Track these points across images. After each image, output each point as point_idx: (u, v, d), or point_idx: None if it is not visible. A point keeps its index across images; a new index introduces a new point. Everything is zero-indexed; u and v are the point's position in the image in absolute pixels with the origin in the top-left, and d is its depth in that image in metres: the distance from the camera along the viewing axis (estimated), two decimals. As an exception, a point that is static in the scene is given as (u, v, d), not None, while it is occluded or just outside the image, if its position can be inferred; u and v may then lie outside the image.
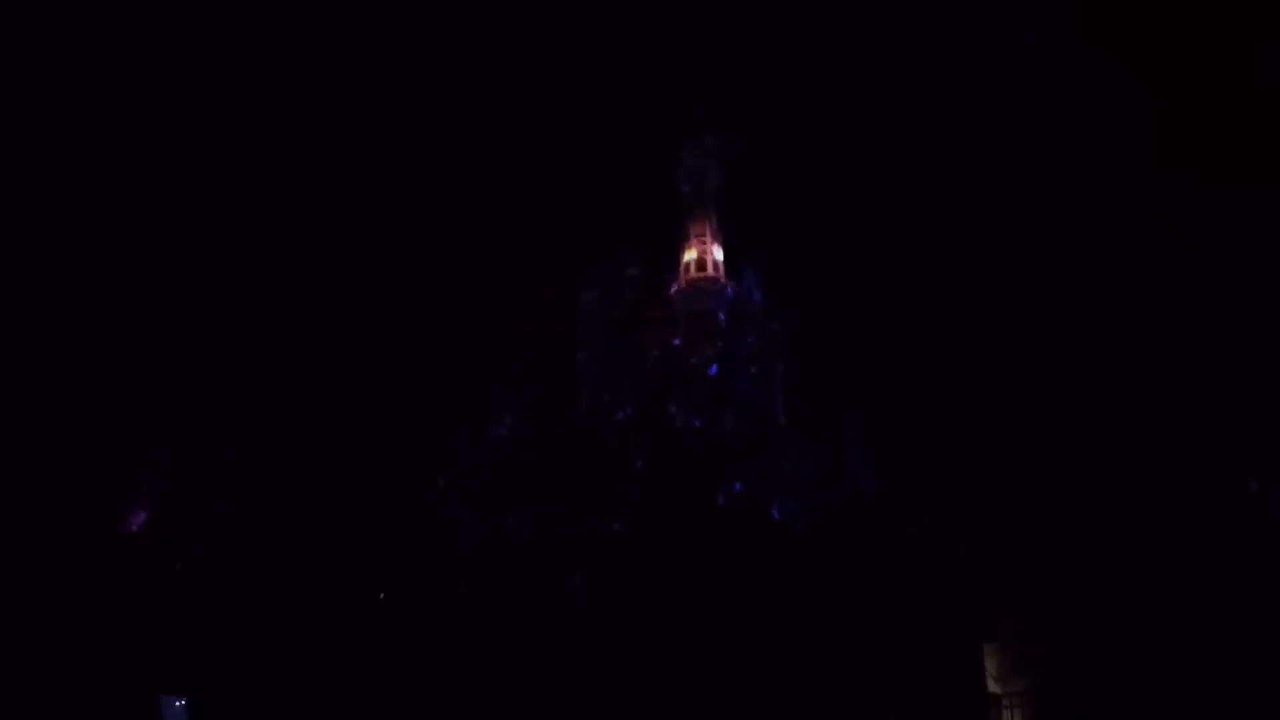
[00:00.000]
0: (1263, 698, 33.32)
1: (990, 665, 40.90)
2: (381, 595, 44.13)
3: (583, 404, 63.37)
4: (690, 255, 68.76)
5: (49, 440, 44.81)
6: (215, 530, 45.77)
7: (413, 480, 54.29)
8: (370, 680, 40.23)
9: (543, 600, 44.13)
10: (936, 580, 40.45)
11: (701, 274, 68.03)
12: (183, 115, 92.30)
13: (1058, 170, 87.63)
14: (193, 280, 75.07)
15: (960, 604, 40.07)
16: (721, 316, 65.85)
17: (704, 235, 69.00)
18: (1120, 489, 43.44)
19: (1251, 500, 38.30)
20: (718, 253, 69.10)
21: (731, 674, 40.85)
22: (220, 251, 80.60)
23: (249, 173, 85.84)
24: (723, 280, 67.94)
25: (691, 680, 40.92)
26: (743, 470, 55.88)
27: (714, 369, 62.91)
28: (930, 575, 40.64)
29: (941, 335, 72.34)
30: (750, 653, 41.31)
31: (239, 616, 39.45)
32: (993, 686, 40.74)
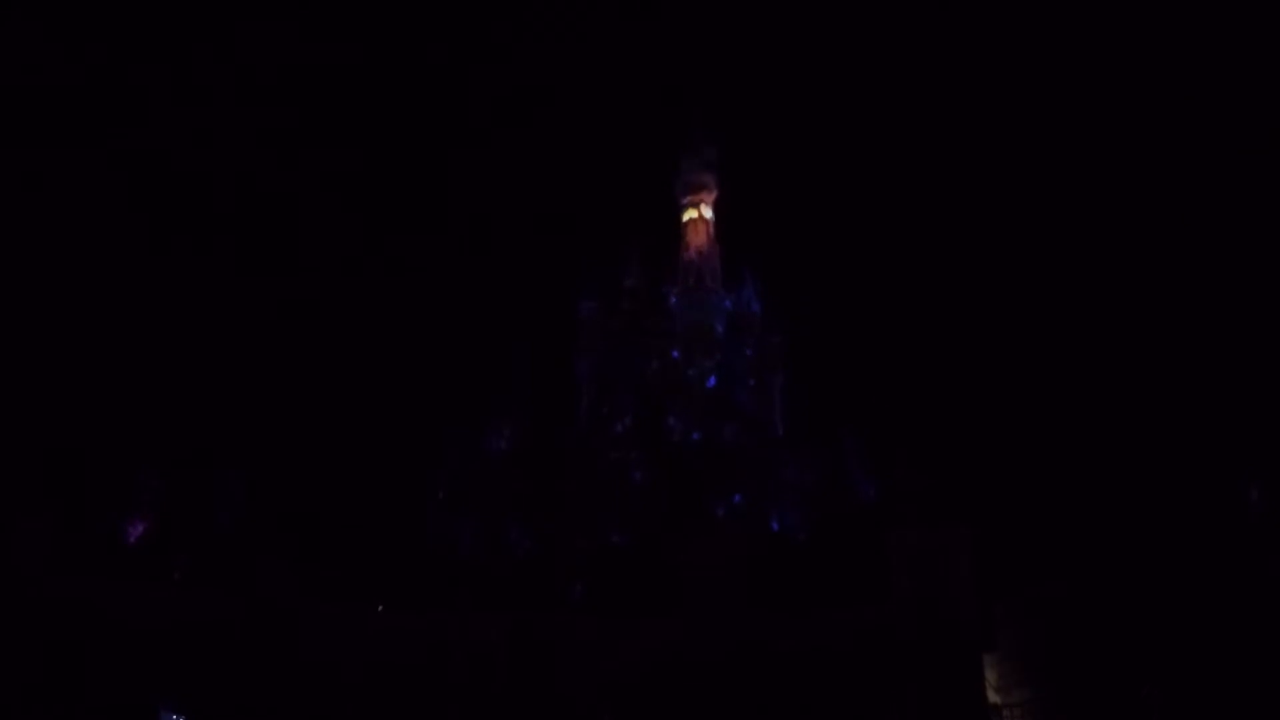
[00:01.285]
0: (1264, 710, 33.27)
1: (991, 676, 40.87)
2: (380, 608, 44.03)
3: (581, 415, 63.35)
4: (689, 266, 68.76)
5: (48, 450, 44.76)
6: (215, 541, 45.71)
7: (413, 492, 54.33)
8: (370, 693, 40.12)
9: (542, 613, 44.06)
10: (937, 591, 40.42)
11: (700, 285, 68.00)
12: (178, 119, 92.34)
13: (1056, 184, 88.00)
14: (195, 292, 75.24)
15: (960, 614, 40.06)
16: (720, 328, 65.79)
17: (703, 246, 69.01)
18: (1121, 500, 43.50)
19: (1252, 510, 38.29)
20: (716, 263, 69.14)
21: (732, 687, 40.77)
22: (221, 264, 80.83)
23: (245, 182, 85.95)
24: (721, 291, 67.92)
25: (691, 693, 40.84)
26: (742, 482, 55.87)
27: (713, 380, 62.90)
28: (930, 586, 40.61)
29: (941, 347, 72.55)
30: (750, 665, 41.24)
31: (238, 628, 39.33)
32: (993, 697, 40.73)
